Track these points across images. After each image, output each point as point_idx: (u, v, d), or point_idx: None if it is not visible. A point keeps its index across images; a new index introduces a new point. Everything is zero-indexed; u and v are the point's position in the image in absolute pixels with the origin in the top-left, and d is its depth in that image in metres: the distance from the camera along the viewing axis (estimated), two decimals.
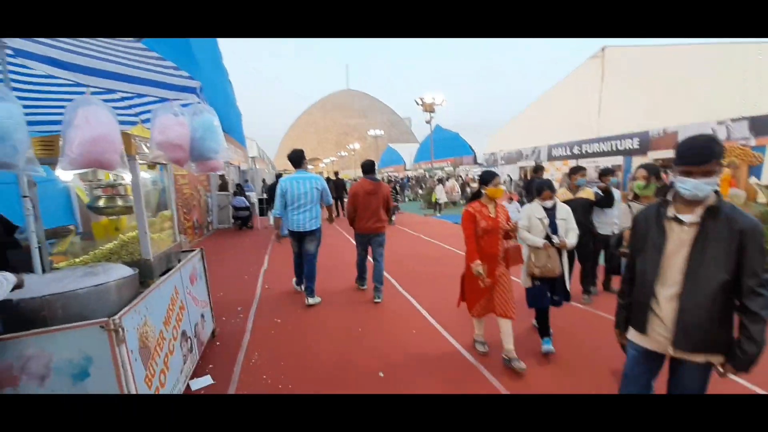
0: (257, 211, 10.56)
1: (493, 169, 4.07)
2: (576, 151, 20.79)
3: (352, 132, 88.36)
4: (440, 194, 15.97)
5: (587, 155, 20.07)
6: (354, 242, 5.11)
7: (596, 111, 19.66)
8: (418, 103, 17.27)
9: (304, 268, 4.70)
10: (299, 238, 4.62)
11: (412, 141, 70.55)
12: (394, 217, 10.57)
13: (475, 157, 32.67)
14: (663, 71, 16.18)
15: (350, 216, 4.77)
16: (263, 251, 7.84)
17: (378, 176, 4.85)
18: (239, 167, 16.74)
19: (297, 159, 4.70)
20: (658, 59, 16.50)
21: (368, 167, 4.82)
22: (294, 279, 5.39)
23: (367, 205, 4.57)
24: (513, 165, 26.35)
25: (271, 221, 9.57)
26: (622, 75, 18.09)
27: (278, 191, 4.53)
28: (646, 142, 16.62)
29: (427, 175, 33.19)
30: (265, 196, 10.64)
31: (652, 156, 16.54)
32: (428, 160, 40.50)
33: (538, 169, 7.98)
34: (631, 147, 17.35)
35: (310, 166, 62.74)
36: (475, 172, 29.93)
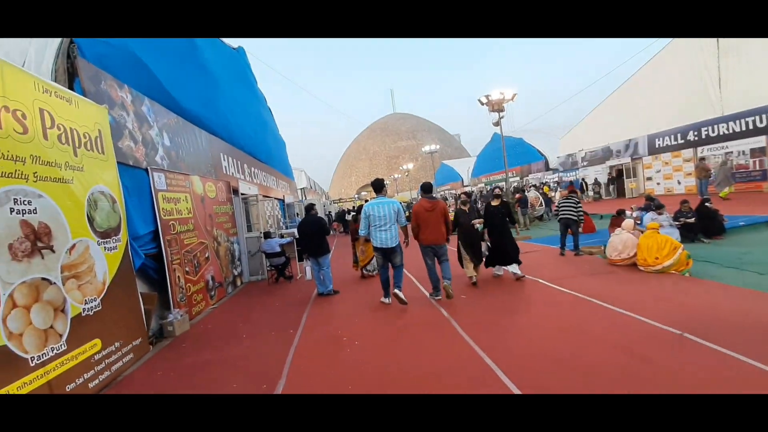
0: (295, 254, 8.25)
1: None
2: (693, 137, 16.25)
3: (403, 154, 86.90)
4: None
5: (709, 140, 15.54)
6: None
7: (715, 83, 15.20)
8: (482, 102, 14.24)
9: (394, 275, 5.29)
10: (384, 254, 5.19)
11: (464, 156, 66.88)
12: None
13: (546, 162, 28.56)
14: None
15: (414, 231, 5.33)
16: (298, 315, 5.32)
17: (436, 195, 5.79)
18: (283, 200, 14.89)
19: (378, 186, 5.44)
20: None
21: (427, 188, 5.56)
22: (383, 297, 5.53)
23: (427, 220, 5.17)
24: (600, 165, 22.04)
25: (308, 274, 7.04)
26: None
27: (363, 214, 5.20)
28: None
29: (501, 188, 29.52)
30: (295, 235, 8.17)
31: None
32: (489, 172, 36.95)
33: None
34: None
35: (363, 193, 61.44)
36: (551, 178, 25.82)
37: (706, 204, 7.59)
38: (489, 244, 6.08)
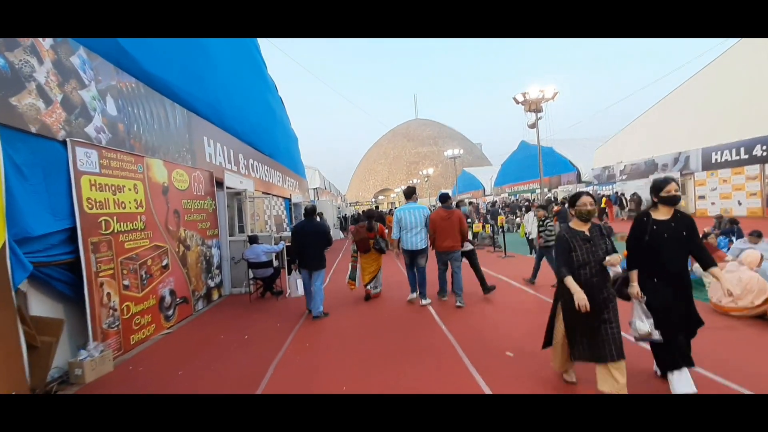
0: (284, 264, 6.69)
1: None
2: (761, 152, 14.03)
3: (423, 160, 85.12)
4: (531, 226, 10.12)
5: None
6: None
7: None
8: (518, 101, 12.51)
9: (417, 277, 5.56)
10: (412, 255, 5.46)
11: (485, 165, 64.53)
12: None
13: (579, 174, 26.40)
14: None
15: (431, 238, 5.47)
16: (276, 347, 3.77)
17: (452, 204, 5.71)
18: (290, 199, 13.48)
19: (409, 193, 5.67)
20: None
21: (444, 198, 5.65)
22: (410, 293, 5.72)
23: (443, 228, 5.31)
24: (641, 180, 19.83)
25: (299, 289, 6.14)
26: None
27: (395, 219, 5.47)
28: None
29: (533, 198, 27.58)
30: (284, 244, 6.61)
31: None
32: (514, 182, 34.88)
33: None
34: None
35: (381, 197, 60.51)
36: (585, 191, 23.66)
37: None
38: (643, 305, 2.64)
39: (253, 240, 6.31)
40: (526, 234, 9.88)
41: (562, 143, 28.40)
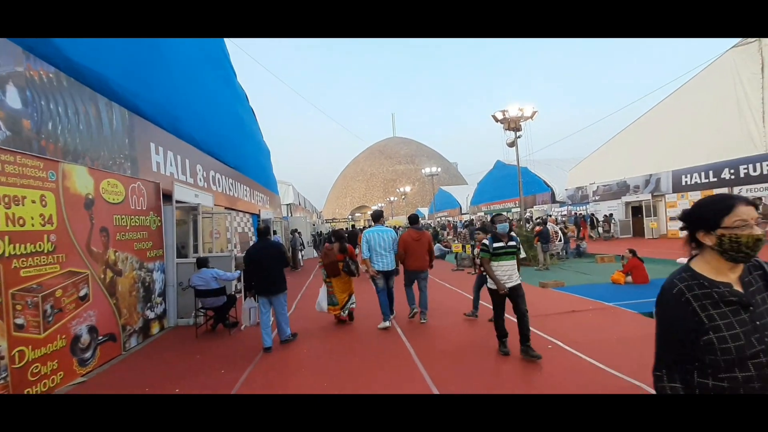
0: (235, 289, 5.77)
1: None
2: (728, 175, 14.35)
3: (400, 177, 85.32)
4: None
5: (749, 180, 13.64)
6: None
7: (758, 117, 13.43)
8: (497, 120, 12.25)
9: (388, 297, 5.54)
10: (387, 275, 5.53)
11: (461, 184, 65.15)
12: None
13: (553, 194, 26.65)
14: None
15: (401, 257, 5.58)
16: None
17: (421, 225, 6.05)
18: (258, 215, 12.51)
19: (377, 217, 5.85)
20: None
21: (414, 220, 5.89)
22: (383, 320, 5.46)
23: (414, 249, 5.49)
24: (614, 201, 20.07)
25: (250, 318, 5.21)
26: None
27: (364, 239, 5.50)
28: None
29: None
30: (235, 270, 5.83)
31: None
32: (490, 201, 34.99)
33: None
34: None
35: (358, 215, 60.00)
36: (558, 211, 23.83)
37: None
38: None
39: (202, 263, 5.41)
40: None
41: (536, 163, 28.71)
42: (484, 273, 5.40)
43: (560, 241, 12.35)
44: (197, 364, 4.36)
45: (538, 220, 16.85)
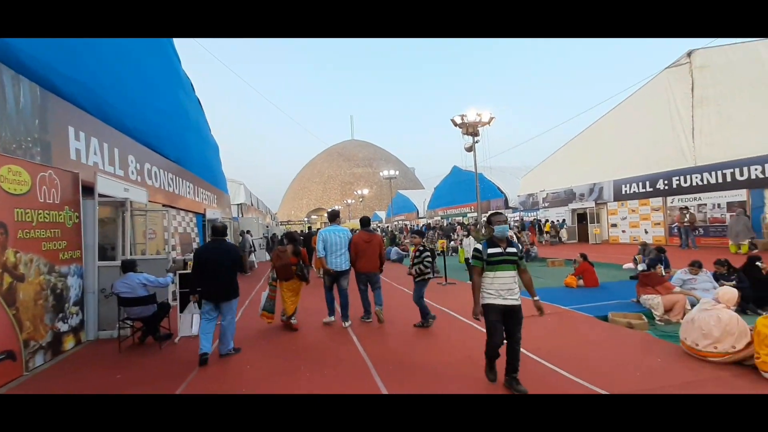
0: (172, 299, 5.11)
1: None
2: (662, 186, 15.51)
3: (358, 181, 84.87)
4: (472, 251, 9.75)
5: (681, 190, 14.82)
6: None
7: (689, 132, 14.65)
8: (455, 124, 12.29)
9: (340, 299, 5.54)
10: (336, 276, 5.48)
11: (419, 188, 66.05)
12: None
13: (506, 200, 27.59)
14: None
15: (352, 260, 5.53)
16: None
17: (372, 227, 6.45)
18: (203, 214, 11.55)
19: (333, 217, 5.89)
20: None
21: (365, 222, 5.85)
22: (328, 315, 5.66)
23: (365, 251, 5.46)
24: (562, 207, 21.10)
25: (193, 328, 4.92)
26: (726, 83, 13.25)
27: (319, 238, 5.49)
28: None
29: (462, 222, 27.94)
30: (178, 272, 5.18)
31: None
32: (447, 206, 35.61)
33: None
34: (761, 176, 12.12)
35: (314, 217, 58.86)
36: (512, 217, 24.63)
37: (757, 264, 5.75)
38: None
39: (127, 267, 4.69)
40: (466, 259, 9.34)
41: (491, 170, 29.64)
42: (419, 279, 5.25)
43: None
44: (116, 384, 3.70)
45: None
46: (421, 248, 5.38)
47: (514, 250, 3.23)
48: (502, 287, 3.14)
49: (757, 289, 5.55)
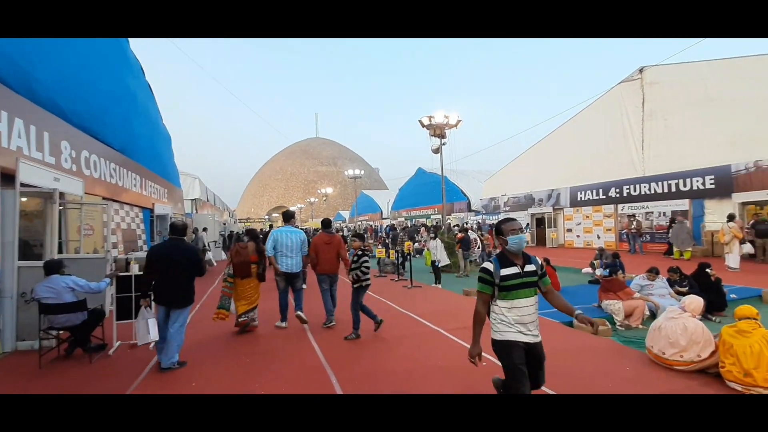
0: (110, 305, 4.51)
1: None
2: (614, 194, 16.37)
3: (322, 179, 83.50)
4: (440, 253, 9.63)
5: (631, 198, 15.71)
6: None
7: (638, 144, 15.57)
8: (423, 125, 12.21)
9: (295, 298, 5.54)
10: (288, 278, 5.45)
11: (383, 189, 66.07)
12: None
13: (469, 203, 28.13)
14: (738, 88, 12.28)
15: (313, 261, 5.52)
16: None
17: (333, 230, 6.18)
18: (151, 210, 10.62)
19: (288, 217, 5.81)
20: (727, 74, 12.69)
21: (326, 224, 6.00)
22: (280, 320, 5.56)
23: (325, 252, 5.41)
24: (522, 212, 21.76)
25: (151, 333, 4.08)
26: (674, 100, 14.19)
27: (270, 237, 5.46)
28: (728, 180, 12.37)
29: (426, 224, 28.02)
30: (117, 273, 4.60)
31: (738, 199, 12.28)
32: (410, 207, 35.79)
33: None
34: (702, 187, 13.08)
35: (275, 215, 57.22)
36: (474, 220, 25.10)
37: (707, 270, 6.03)
38: None
39: (51, 268, 4.05)
40: (433, 261, 9.23)
41: (454, 173, 30.12)
42: (356, 285, 4.88)
43: (479, 248, 12.72)
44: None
45: (456, 227, 17.39)
46: (360, 252, 4.99)
47: (533, 267, 2.43)
48: (524, 318, 2.36)
49: (707, 295, 5.81)
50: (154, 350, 4.26)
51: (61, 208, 5.83)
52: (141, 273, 4.84)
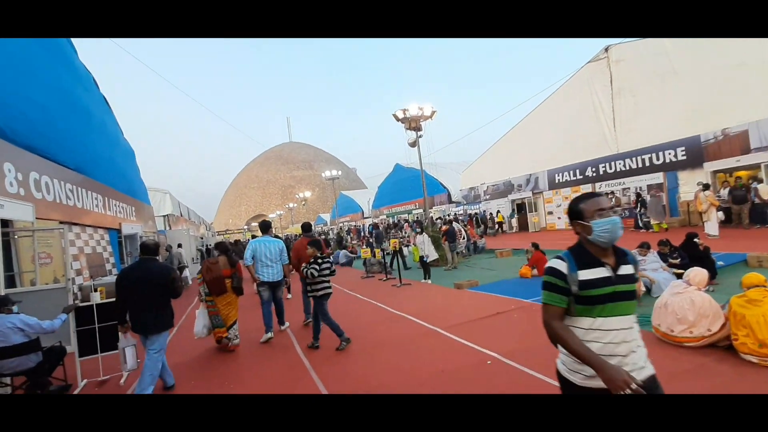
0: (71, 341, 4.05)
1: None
2: (591, 173, 16.56)
3: (299, 184, 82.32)
4: (427, 248, 9.41)
5: (607, 176, 15.93)
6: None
7: (610, 122, 15.77)
8: (398, 118, 11.94)
9: (276, 308, 5.61)
10: (271, 287, 5.45)
11: (361, 188, 65.62)
12: None
13: (449, 195, 28.11)
14: (702, 60, 12.54)
15: (295, 266, 5.63)
16: None
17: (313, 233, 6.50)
18: (119, 230, 9.96)
19: (265, 227, 5.83)
20: (690, 47, 12.94)
21: (306, 228, 6.13)
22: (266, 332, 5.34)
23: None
24: (503, 199, 21.84)
25: (129, 361, 3.72)
26: (640, 76, 14.42)
27: (249, 248, 5.44)
28: (698, 151, 12.63)
29: (407, 220, 27.85)
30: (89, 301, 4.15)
31: (710, 168, 12.57)
32: (391, 204, 35.55)
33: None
34: (675, 159, 13.33)
35: (254, 224, 56.14)
36: (456, 211, 25.08)
37: (695, 240, 6.00)
38: None
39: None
40: (421, 257, 8.97)
41: (432, 166, 30.08)
42: (311, 293, 4.53)
43: (464, 239, 12.58)
44: None
45: (439, 220, 17.26)
46: (312, 260, 4.61)
47: (631, 270, 1.59)
48: (620, 348, 1.53)
49: (696, 264, 5.77)
50: (124, 386, 3.84)
51: (7, 237, 5.26)
52: (104, 302, 4.43)
